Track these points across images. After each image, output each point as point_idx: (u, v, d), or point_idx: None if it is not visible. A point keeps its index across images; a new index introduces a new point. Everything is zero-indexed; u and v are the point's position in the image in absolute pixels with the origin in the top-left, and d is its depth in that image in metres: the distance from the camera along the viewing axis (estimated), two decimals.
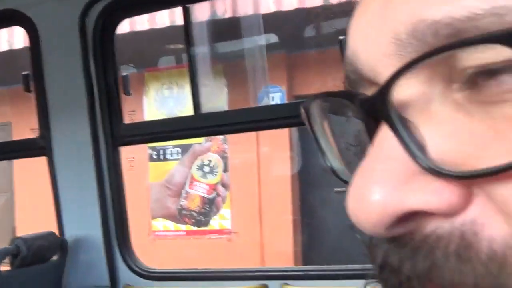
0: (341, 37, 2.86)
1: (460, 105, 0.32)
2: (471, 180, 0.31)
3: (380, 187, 0.33)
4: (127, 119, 3.26)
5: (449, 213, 0.33)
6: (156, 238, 6.98)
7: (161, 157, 6.94)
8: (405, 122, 0.33)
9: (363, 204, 0.34)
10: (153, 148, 6.96)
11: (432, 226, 0.33)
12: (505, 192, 0.31)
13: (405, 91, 0.33)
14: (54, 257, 2.99)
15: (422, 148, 0.32)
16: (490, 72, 0.31)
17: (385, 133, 0.34)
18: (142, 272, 2.96)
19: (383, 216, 0.33)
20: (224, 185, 6.57)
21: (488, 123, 0.31)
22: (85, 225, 3.05)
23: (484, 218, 0.32)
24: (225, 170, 6.72)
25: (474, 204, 0.32)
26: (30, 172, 6.80)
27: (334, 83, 5.90)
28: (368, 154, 0.35)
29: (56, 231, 3.07)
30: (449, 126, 0.32)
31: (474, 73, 0.31)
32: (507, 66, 0.30)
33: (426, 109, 0.33)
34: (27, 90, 3.24)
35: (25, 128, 6.48)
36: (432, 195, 0.32)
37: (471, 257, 0.32)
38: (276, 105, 5.18)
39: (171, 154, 6.89)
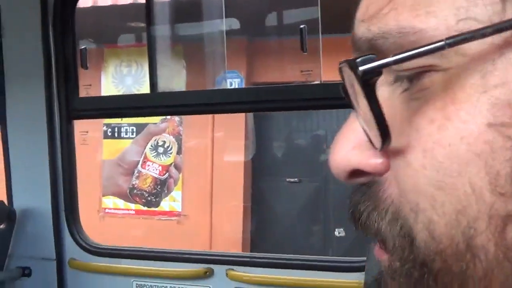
0: (302, 26, 2.90)
1: (399, 99, 0.45)
2: (384, 151, 0.45)
3: (339, 149, 0.47)
4: (83, 93, 3.25)
5: (376, 173, 0.47)
6: (105, 215, 6.94)
7: (116, 134, 6.89)
8: (358, 105, 0.46)
9: (330, 159, 0.48)
10: (108, 125, 6.90)
11: (367, 180, 0.48)
12: (394, 164, 0.45)
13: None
14: (2, 226, 2.96)
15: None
16: (414, 77, 0.44)
17: (354, 112, 0.47)
18: (88, 247, 2.96)
19: (339, 169, 0.47)
20: (177, 167, 6.55)
21: (405, 113, 0.44)
22: (34, 196, 3.03)
23: (390, 180, 0.46)
24: (179, 152, 6.71)
25: (390, 170, 0.46)
26: None
27: (293, 73, 5.95)
28: (343, 125, 0.49)
29: (5, 201, 3.04)
30: (388, 112, 0.43)
31: (406, 76, 0.44)
32: (416, 74, 0.43)
33: (362, 101, 0.44)
34: None
35: None
36: (365, 159, 0.46)
37: (378, 205, 0.46)
38: (233, 89, 5.20)
39: (126, 132, 6.85)
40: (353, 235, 6.67)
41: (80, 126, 3.42)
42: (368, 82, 0.42)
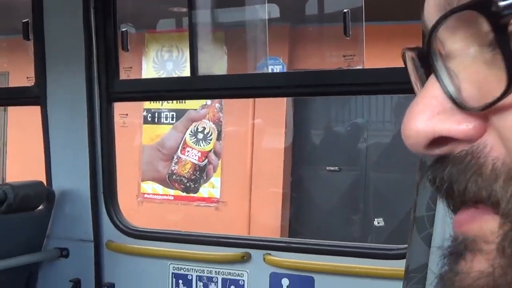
0: (345, 10, 2.84)
1: (485, 63, 0.43)
2: (481, 112, 0.43)
3: (419, 117, 0.45)
4: (123, 76, 3.24)
5: (468, 139, 0.44)
6: (144, 200, 6.98)
7: (156, 120, 6.91)
8: (447, 70, 0.45)
9: (406, 129, 0.46)
10: (148, 110, 6.92)
11: (458, 148, 0.45)
12: (501, 122, 0.43)
13: (450, 45, 0.45)
14: (41, 207, 2.98)
15: (457, 90, 0.44)
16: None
17: (432, 78, 0.46)
18: (126, 229, 2.95)
19: (419, 138, 0.45)
20: (217, 154, 6.54)
21: (495, 72, 0.42)
22: (73, 178, 3.04)
23: (492, 143, 0.43)
24: (219, 138, 6.70)
25: (486, 134, 0.44)
26: (23, 124, 6.77)
27: (334, 59, 5.88)
28: (419, 93, 0.47)
29: (45, 182, 3.06)
30: (476, 76, 0.43)
31: (493, 37, 0.41)
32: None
33: (463, 62, 0.44)
34: (26, 38, 3.21)
35: (23, 78, 6.43)
36: (455, 124, 0.44)
37: (482, 171, 0.44)
38: (275, 73, 5.14)
39: (166, 117, 6.86)
40: (392, 225, 6.59)
41: (119, 109, 3.41)
42: (503, 21, 0.40)
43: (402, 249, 2.32)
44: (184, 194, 6.73)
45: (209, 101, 6.56)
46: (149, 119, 6.94)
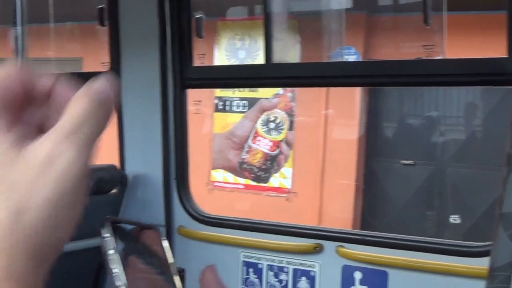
0: None
1: None
2: None
3: None
4: (196, 63, 3.22)
5: None
6: (214, 189, 7.00)
7: (227, 108, 6.91)
8: None
9: None
10: (219, 98, 6.92)
11: None
12: None
13: None
14: (114, 190, 3.01)
15: None
16: None
17: None
18: (197, 215, 2.94)
19: None
20: (288, 144, 6.50)
21: None
22: (146, 163, 3.05)
23: None
24: (291, 128, 6.63)
25: None
26: None
27: (412, 49, 5.71)
28: None
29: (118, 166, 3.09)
30: None
31: None
32: None
33: None
34: (101, 24, 3.24)
35: (95, 64, 6.54)
36: None
37: None
38: (351, 62, 5.02)
39: (237, 106, 6.84)
40: (468, 222, 6.37)
41: (192, 96, 3.40)
42: None
43: (485, 247, 2.21)
44: (255, 183, 6.71)
45: (281, 90, 6.50)
46: (220, 107, 6.95)
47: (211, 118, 6.94)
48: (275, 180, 6.80)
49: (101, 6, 3.16)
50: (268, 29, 2.96)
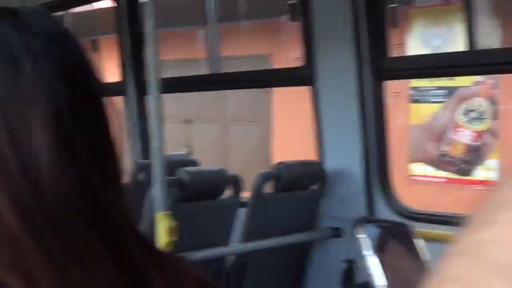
0: None
1: None
2: None
3: None
4: (392, 53, 3.12)
5: None
6: (412, 183, 6.76)
7: (423, 98, 6.63)
8: None
9: None
10: (415, 89, 6.66)
11: None
12: None
13: None
14: (313, 186, 3.01)
15: None
16: None
17: None
18: (402, 211, 2.83)
19: None
20: (492, 133, 6.09)
21: None
22: (345, 157, 3.01)
23: None
24: (495, 117, 6.20)
25: None
26: (287, 104, 7.00)
27: None
28: None
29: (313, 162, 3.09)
30: None
31: None
32: None
33: None
34: (293, 19, 3.27)
35: (283, 59, 6.63)
36: None
37: None
38: None
39: (435, 96, 6.54)
40: None
41: (390, 87, 3.29)
42: None
43: None
44: (456, 176, 6.38)
45: (482, 78, 6.11)
46: (416, 98, 6.68)
47: (407, 109, 6.71)
48: (479, 173, 6.39)
49: (293, 1, 3.18)
50: (469, 13, 2.79)
